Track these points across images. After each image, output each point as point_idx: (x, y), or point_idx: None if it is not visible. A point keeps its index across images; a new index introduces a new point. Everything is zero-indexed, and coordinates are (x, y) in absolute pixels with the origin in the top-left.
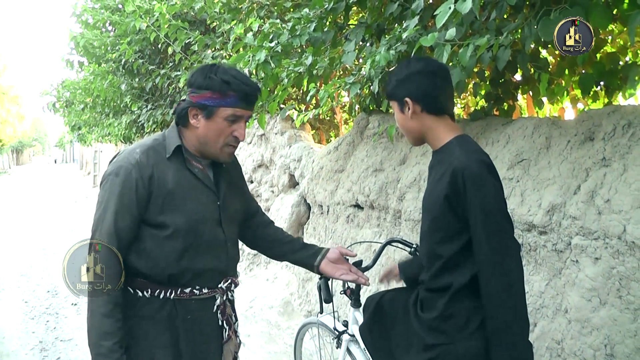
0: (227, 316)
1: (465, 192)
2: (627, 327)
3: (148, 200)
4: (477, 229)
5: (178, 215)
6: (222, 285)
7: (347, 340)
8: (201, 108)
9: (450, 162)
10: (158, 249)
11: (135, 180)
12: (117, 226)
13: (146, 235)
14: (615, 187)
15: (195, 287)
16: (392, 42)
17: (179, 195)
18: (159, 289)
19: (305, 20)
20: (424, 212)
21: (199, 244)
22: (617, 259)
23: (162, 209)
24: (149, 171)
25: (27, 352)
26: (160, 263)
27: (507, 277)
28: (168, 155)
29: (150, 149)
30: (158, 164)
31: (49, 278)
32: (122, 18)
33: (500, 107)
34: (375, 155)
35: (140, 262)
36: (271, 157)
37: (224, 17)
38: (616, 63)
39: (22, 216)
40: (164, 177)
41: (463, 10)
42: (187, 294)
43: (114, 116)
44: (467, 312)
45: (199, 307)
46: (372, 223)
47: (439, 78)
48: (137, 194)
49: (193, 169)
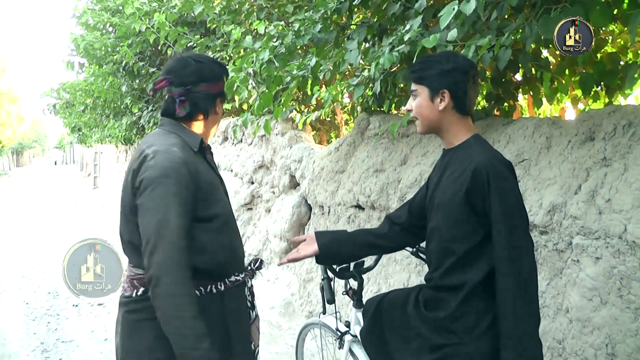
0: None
1: (489, 188)
2: (628, 326)
3: (196, 196)
4: (498, 224)
5: (220, 206)
6: (253, 266)
7: (349, 341)
8: (222, 96)
9: (472, 159)
10: (214, 242)
11: (186, 177)
12: (185, 225)
13: (199, 230)
14: (616, 187)
15: (235, 274)
16: (395, 43)
17: (214, 187)
18: (211, 284)
19: (309, 22)
20: (436, 208)
21: (234, 231)
22: (618, 258)
23: (209, 204)
24: (193, 167)
25: (28, 354)
26: (219, 256)
27: (522, 276)
28: (196, 150)
29: (180, 146)
30: (192, 160)
31: (50, 279)
32: (122, 19)
33: (501, 107)
34: (376, 156)
35: (197, 259)
36: (272, 158)
37: (223, 20)
38: (616, 63)
39: (23, 218)
40: (202, 173)
41: (467, 11)
42: (233, 283)
43: (115, 117)
44: (477, 312)
45: (238, 292)
46: (373, 224)
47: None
48: (190, 190)
49: (211, 161)
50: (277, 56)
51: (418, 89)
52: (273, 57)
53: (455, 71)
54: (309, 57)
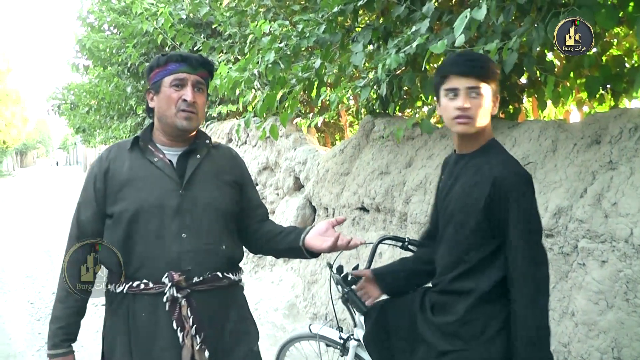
0: (181, 317)
1: (508, 199)
2: (634, 330)
3: (104, 194)
4: (516, 236)
5: (125, 204)
6: (165, 279)
7: (354, 346)
8: (152, 88)
9: (490, 168)
10: (109, 239)
11: (94, 175)
12: (79, 217)
13: (105, 227)
14: (622, 190)
15: (143, 280)
16: (401, 45)
17: (132, 185)
18: (115, 283)
19: (313, 23)
20: (450, 214)
21: (145, 232)
22: (624, 262)
23: (115, 200)
24: (105, 165)
25: (33, 354)
26: (112, 255)
27: (538, 290)
28: (128, 148)
29: (117, 145)
30: (117, 158)
31: (54, 280)
32: (129, 19)
33: (506, 110)
34: (381, 158)
35: (102, 254)
36: (276, 160)
37: (229, 21)
38: (622, 66)
39: (27, 218)
40: (120, 170)
41: (479, 18)
42: (137, 288)
43: (119, 119)
44: (485, 318)
45: (154, 303)
46: (378, 226)
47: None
48: (95, 188)
49: (152, 158)
50: (281, 57)
51: (482, 86)
52: (278, 59)
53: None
54: (313, 59)
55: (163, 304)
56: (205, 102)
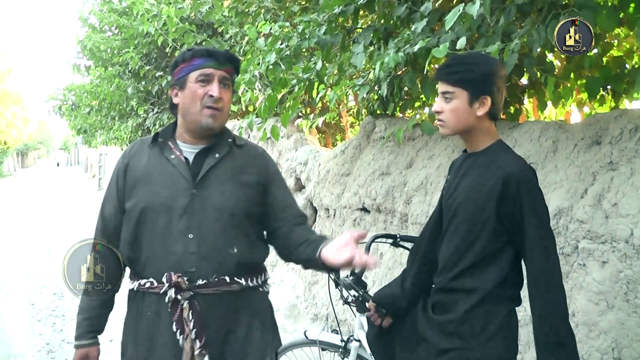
0: (182, 320)
1: (520, 196)
2: (634, 330)
3: (124, 189)
4: (530, 233)
5: (136, 200)
6: (164, 279)
7: (356, 347)
8: (177, 84)
9: (499, 166)
10: (123, 234)
11: (117, 171)
12: (103, 212)
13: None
14: (623, 191)
15: (149, 279)
16: (401, 45)
17: (145, 181)
18: (132, 279)
19: (314, 24)
20: (455, 212)
21: (152, 230)
22: (625, 262)
23: (130, 196)
24: (126, 161)
25: (34, 354)
26: (124, 250)
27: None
28: (148, 144)
29: (141, 141)
30: (137, 154)
31: (55, 280)
32: (130, 20)
33: (507, 111)
34: (382, 159)
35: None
36: (277, 161)
37: (230, 21)
38: (622, 67)
39: (28, 218)
40: (138, 166)
41: (472, 12)
42: (145, 287)
43: (120, 119)
44: (486, 317)
45: (158, 302)
46: (379, 227)
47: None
48: (117, 183)
49: (169, 155)
50: (282, 58)
51: (455, 91)
52: (279, 60)
53: (496, 77)
54: (314, 59)
55: (166, 305)
56: (231, 99)
